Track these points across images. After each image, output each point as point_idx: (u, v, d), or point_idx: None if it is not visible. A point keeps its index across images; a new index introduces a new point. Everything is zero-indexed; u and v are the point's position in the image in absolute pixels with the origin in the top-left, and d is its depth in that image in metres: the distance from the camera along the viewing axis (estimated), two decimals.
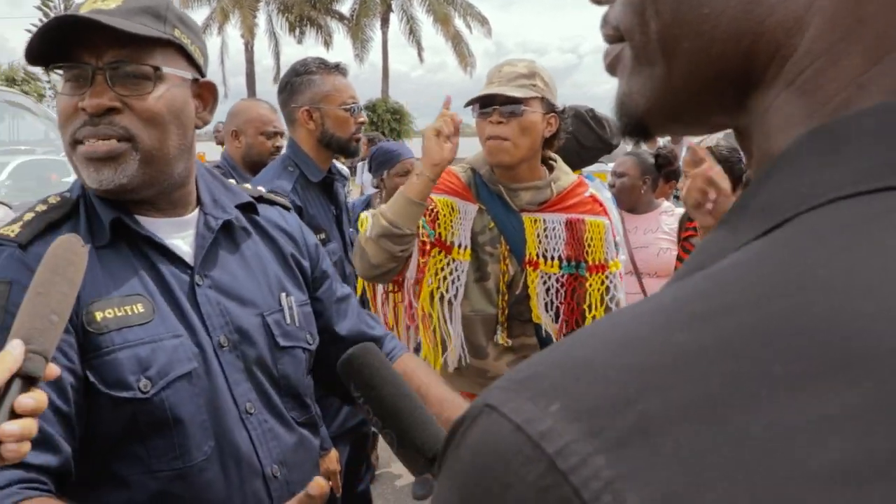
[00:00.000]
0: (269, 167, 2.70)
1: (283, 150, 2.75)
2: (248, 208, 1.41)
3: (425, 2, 35.17)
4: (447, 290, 2.22)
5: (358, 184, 8.77)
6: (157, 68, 1.19)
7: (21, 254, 1.16)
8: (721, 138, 3.19)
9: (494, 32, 38.23)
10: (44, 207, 1.25)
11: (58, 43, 1.16)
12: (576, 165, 2.69)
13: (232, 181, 1.50)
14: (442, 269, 2.21)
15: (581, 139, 3.33)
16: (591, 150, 3.44)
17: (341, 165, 5.69)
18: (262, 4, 36.51)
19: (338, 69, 2.69)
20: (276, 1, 36.48)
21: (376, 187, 3.95)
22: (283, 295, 1.37)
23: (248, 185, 1.53)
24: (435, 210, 2.22)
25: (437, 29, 35.34)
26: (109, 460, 1.17)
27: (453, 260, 2.21)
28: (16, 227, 1.20)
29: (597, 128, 3.37)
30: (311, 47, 37.84)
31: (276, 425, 1.30)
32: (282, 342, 1.33)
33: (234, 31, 36.59)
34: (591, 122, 3.37)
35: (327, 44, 37.31)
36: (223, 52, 37.83)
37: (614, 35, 0.49)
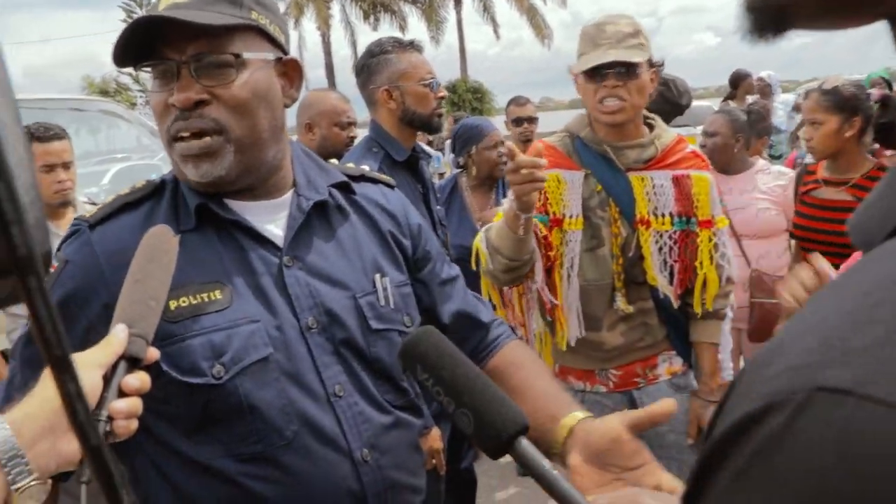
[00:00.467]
0: (353, 150, 2.72)
1: (367, 133, 2.75)
2: (343, 187, 1.39)
3: None
4: (563, 264, 2.22)
5: (447, 162, 8.73)
6: (237, 55, 1.19)
7: (88, 234, 1.19)
8: (844, 78, 3.03)
9: (569, 2, 37.59)
10: (126, 191, 1.28)
11: (142, 43, 1.18)
12: None
13: (334, 161, 1.49)
14: (559, 244, 2.22)
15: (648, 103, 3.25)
16: (658, 113, 3.34)
17: (425, 145, 5.69)
18: None
19: (412, 46, 2.68)
20: None
21: (461, 166, 3.89)
22: (378, 276, 1.34)
23: (351, 165, 1.51)
24: (543, 191, 2.19)
25: (510, 4, 34.99)
26: (190, 445, 1.19)
27: (566, 232, 2.21)
28: (95, 209, 1.25)
29: (663, 90, 3.26)
30: (386, 33, 38.03)
31: (368, 408, 1.27)
32: (374, 325, 1.31)
33: (309, 24, 37.04)
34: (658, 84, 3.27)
35: (402, 28, 37.41)
36: (301, 46, 38.38)
37: None
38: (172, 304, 1.16)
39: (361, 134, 2.92)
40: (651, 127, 2.28)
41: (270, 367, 1.20)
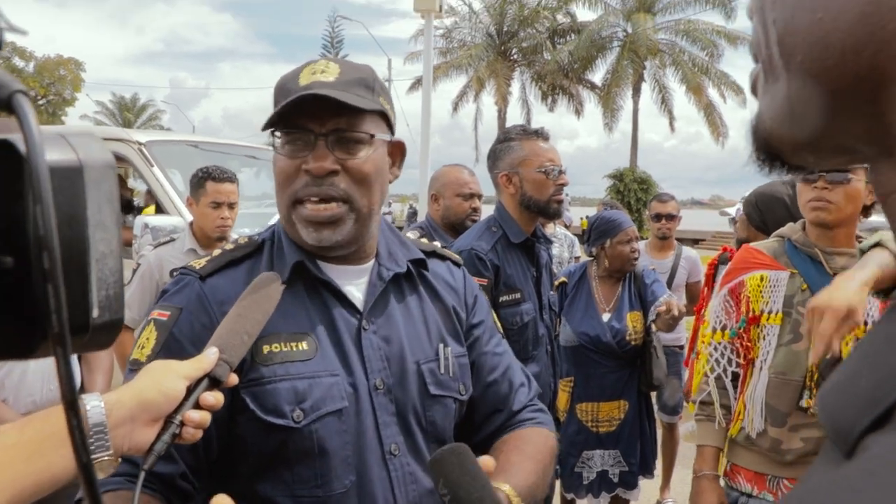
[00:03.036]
0: (475, 227, 2.87)
1: (492, 212, 2.90)
2: (419, 263, 1.50)
3: (678, 71, 34.71)
4: (759, 356, 2.28)
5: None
6: (371, 135, 1.32)
7: (199, 285, 1.32)
8: None
9: (752, 101, 36.54)
10: (231, 247, 1.41)
11: (284, 112, 1.29)
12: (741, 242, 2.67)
13: (419, 237, 1.61)
14: (757, 339, 2.30)
15: (751, 219, 3.17)
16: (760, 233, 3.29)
17: (561, 230, 5.75)
18: (516, 73, 37.89)
19: (537, 134, 2.81)
20: (531, 70, 37.68)
21: (592, 256, 3.94)
22: (442, 346, 1.44)
23: (424, 240, 1.63)
24: (744, 294, 2.31)
25: (689, 98, 34.66)
26: (257, 479, 1.29)
27: (764, 326, 2.27)
28: (203, 261, 1.37)
29: (770, 223, 3.19)
30: (562, 115, 38.71)
31: (418, 469, 1.36)
32: (433, 390, 1.40)
33: (488, 98, 38.15)
34: (789, 209, 3.21)
35: (578, 112, 37.81)
36: (477, 119, 39.58)
37: (755, 54, 0.45)
38: (265, 349, 1.27)
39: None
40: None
41: (342, 419, 1.29)
